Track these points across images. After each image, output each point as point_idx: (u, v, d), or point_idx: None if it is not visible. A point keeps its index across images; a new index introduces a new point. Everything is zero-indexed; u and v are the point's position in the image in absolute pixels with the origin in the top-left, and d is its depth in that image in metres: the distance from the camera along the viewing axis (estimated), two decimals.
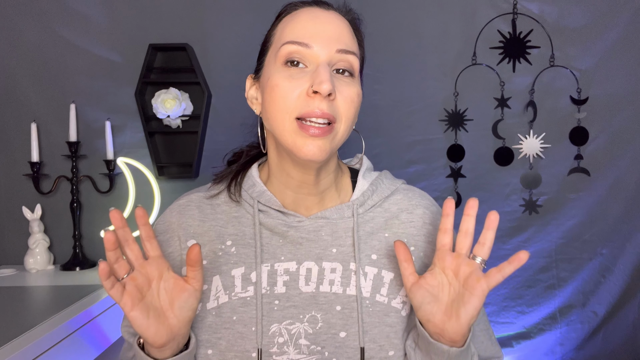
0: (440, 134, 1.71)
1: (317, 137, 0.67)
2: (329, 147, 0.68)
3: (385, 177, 0.82)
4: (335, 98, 0.68)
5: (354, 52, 0.71)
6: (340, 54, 0.69)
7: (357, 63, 0.71)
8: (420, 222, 0.79)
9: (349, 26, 0.73)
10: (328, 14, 0.72)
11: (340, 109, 0.69)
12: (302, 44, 0.68)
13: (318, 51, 0.68)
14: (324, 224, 0.76)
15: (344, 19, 0.73)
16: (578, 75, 1.67)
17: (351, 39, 0.72)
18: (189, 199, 0.80)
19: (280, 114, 0.68)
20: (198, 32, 1.67)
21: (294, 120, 0.67)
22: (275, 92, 0.68)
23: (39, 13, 1.66)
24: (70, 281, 1.48)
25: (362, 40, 0.77)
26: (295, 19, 0.72)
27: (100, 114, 1.68)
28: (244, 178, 0.80)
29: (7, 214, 1.70)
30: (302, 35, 0.69)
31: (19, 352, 0.96)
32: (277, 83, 0.68)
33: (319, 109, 0.66)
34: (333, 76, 0.69)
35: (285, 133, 0.68)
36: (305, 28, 0.70)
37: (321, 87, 0.65)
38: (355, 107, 0.71)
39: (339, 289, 0.73)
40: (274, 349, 0.71)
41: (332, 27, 0.70)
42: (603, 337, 1.72)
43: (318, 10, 0.72)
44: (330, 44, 0.69)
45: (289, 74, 0.68)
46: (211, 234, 0.77)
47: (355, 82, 0.71)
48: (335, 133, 0.69)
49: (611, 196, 1.69)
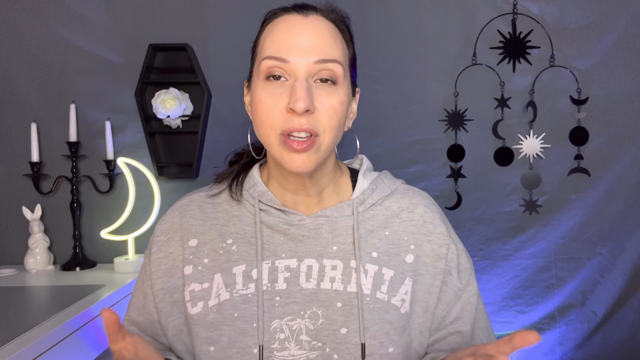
0: (440, 134, 1.71)
1: (302, 152, 0.68)
2: (314, 159, 0.70)
3: (385, 177, 0.84)
4: (314, 111, 0.68)
5: (335, 59, 0.70)
6: (320, 64, 0.69)
7: (339, 69, 0.70)
8: (420, 221, 0.80)
9: (331, 29, 0.72)
10: (307, 21, 0.71)
11: (322, 121, 0.69)
12: (279, 58, 0.68)
13: (296, 64, 0.68)
14: (324, 222, 0.77)
15: (326, 21, 0.72)
16: (578, 75, 1.67)
17: (332, 44, 0.71)
18: (190, 199, 0.82)
19: (266, 129, 0.69)
20: (198, 32, 1.67)
21: (279, 135, 0.68)
22: (259, 108, 0.69)
23: (39, 13, 1.66)
24: (70, 281, 1.49)
25: (351, 39, 0.76)
26: (274, 30, 0.71)
27: (100, 114, 1.68)
28: (246, 178, 0.81)
29: (7, 214, 1.70)
30: (279, 49, 0.69)
31: (19, 352, 0.96)
32: (260, 99, 0.69)
33: (299, 124, 0.67)
34: (314, 86, 0.69)
35: (272, 147, 0.70)
36: (282, 41, 0.69)
37: (296, 105, 0.65)
38: (339, 116, 0.70)
39: (340, 286, 0.74)
40: (275, 345, 0.71)
41: (310, 37, 0.69)
42: (602, 336, 1.72)
43: (296, 17, 0.71)
44: (307, 56, 0.68)
45: (271, 90, 0.69)
46: (212, 232, 0.78)
47: (338, 90, 0.71)
48: (319, 145, 0.70)
49: (611, 196, 1.69)
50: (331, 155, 0.77)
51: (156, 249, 0.80)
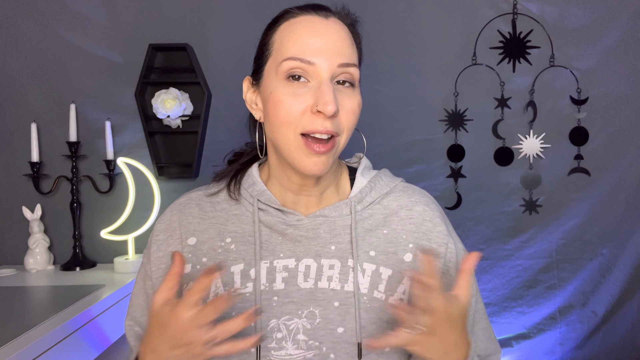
0: (440, 134, 1.71)
1: (322, 154, 0.69)
2: (331, 161, 0.71)
3: (384, 175, 0.83)
4: (338, 114, 0.69)
5: (355, 64, 0.71)
6: (342, 67, 0.69)
7: (357, 73, 0.72)
8: (419, 219, 0.79)
9: (348, 33, 0.73)
10: (327, 23, 0.71)
11: (343, 122, 0.70)
12: (304, 60, 0.68)
13: (320, 67, 0.68)
14: (322, 221, 0.76)
15: (342, 24, 0.73)
16: (578, 75, 1.67)
17: (351, 48, 0.72)
18: (189, 198, 0.82)
19: (285, 129, 0.69)
20: (198, 32, 1.67)
21: (299, 136, 0.69)
22: (279, 107, 0.69)
23: (39, 13, 1.66)
24: (70, 281, 1.49)
25: (360, 42, 0.77)
26: (294, 30, 0.71)
27: (100, 114, 1.68)
28: (244, 177, 0.81)
29: (7, 214, 1.70)
30: (303, 51, 0.69)
31: (19, 352, 0.96)
32: (280, 99, 0.69)
33: (323, 126, 0.67)
34: (335, 89, 0.69)
35: (290, 147, 0.70)
36: (306, 43, 0.69)
37: (326, 108, 0.66)
38: (357, 117, 0.72)
39: (337, 285, 0.74)
40: (272, 344, 0.72)
41: (332, 40, 0.70)
42: (603, 337, 1.72)
43: (317, 19, 0.71)
44: (332, 59, 0.69)
45: (292, 90, 0.69)
46: (211, 231, 0.78)
47: (356, 92, 0.72)
48: (337, 145, 0.71)
49: (611, 196, 1.69)
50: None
51: (155, 248, 0.79)
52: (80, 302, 1.26)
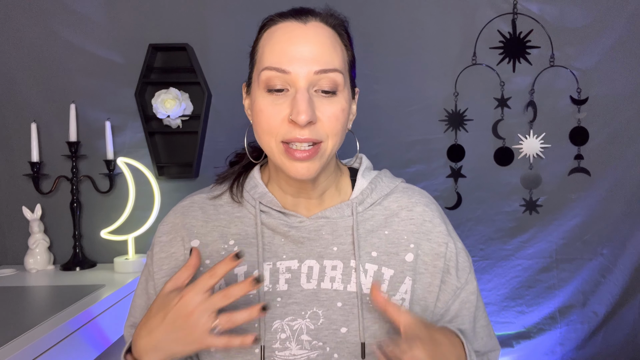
0: (440, 134, 1.71)
1: (305, 160, 0.68)
2: (318, 165, 0.70)
3: (384, 176, 0.84)
4: (317, 121, 0.68)
5: (335, 69, 0.69)
6: (320, 74, 0.68)
7: (340, 78, 0.69)
8: (420, 220, 0.80)
9: (331, 36, 0.71)
10: (306, 29, 0.69)
11: (326, 129, 0.69)
12: (279, 69, 0.68)
13: (296, 75, 0.67)
14: (324, 223, 0.77)
15: (325, 27, 0.71)
16: (578, 75, 1.67)
17: (332, 53, 0.69)
18: (192, 200, 0.82)
19: (267, 137, 0.70)
20: (198, 32, 1.67)
21: (280, 143, 0.69)
22: (260, 117, 0.69)
23: (39, 13, 1.66)
24: (70, 281, 1.49)
25: (350, 43, 0.75)
26: (273, 39, 0.70)
27: (100, 114, 1.68)
28: (246, 179, 0.82)
29: (7, 214, 1.70)
30: (279, 60, 0.68)
31: (19, 352, 0.96)
32: (261, 108, 0.69)
33: (301, 134, 0.67)
34: (315, 96, 0.68)
35: (274, 154, 0.70)
36: (282, 51, 0.68)
37: (299, 118, 0.65)
38: (341, 122, 0.70)
39: (340, 286, 0.74)
40: (276, 345, 0.72)
41: (309, 47, 0.68)
42: (603, 337, 1.72)
43: (295, 25, 0.70)
44: (308, 66, 0.67)
45: (271, 100, 0.69)
46: (214, 234, 0.78)
47: (339, 98, 0.70)
48: (323, 151, 0.70)
49: (611, 196, 1.69)
50: (332, 158, 0.77)
51: (158, 249, 0.80)
52: (80, 302, 1.26)
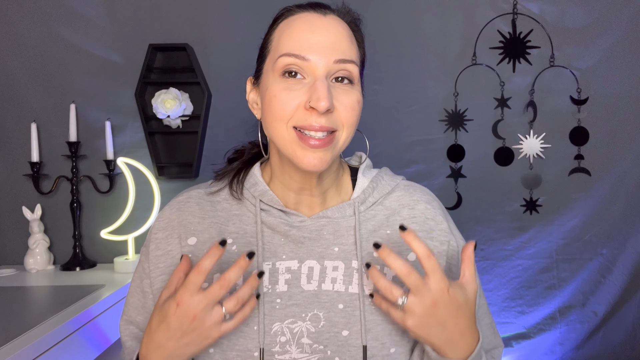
0: (440, 134, 1.71)
1: (318, 149, 0.67)
2: (329, 157, 0.69)
3: (385, 174, 0.83)
4: (334, 110, 0.68)
5: (353, 60, 0.70)
6: (339, 64, 0.68)
7: (356, 70, 0.70)
8: (422, 218, 0.79)
9: (347, 30, 0.72)
10: (325, 20, 0.70)
11: (342, 118, 0.69)
12: (299, 56, 0.67)
13: (315, 63, 0.67)
14: (325, 223, 0.76)
15: (342, 22, 0.72)
16: (578, 75, 1.67)
17: (350, 45, 0.71)
18: (189, 196, 0.80)
19: (278, 123, 0.68)
20: (198, 32, 1.67)
21: (292, 129, 0.68)
22: (273, 102, 0.68)
23: (39, 13, 1.66)
24: (70, 281, 1.48)
25: (362, 40, 0.76)
26: (291, 27, 0.70)
27: (100, 114, 1.68)
28: (246, 176, 0.80)
29: (7, 214, 1.70)
30: (299, 47, 0.68)
31: (19, 352, 0.96)
32: (274, 94, 0.68)
33: (317, 123, 0.66)
34: (332, 86, 0.68)
35: (285, 142, 0.69)
36: (302, 38, 0.69)
37: (319, 104, 0.65)
38: (357, 114, 0.70)
39: (341, 287, 0.73)
40: (276, 348, 0.71)
41: (329, 36, 0.69)
42: (603, 337, 1.72)
43: (315, 16, 0.71)
44: (327, 55, 0.68)
45: (287, 85, 0.68)
46: (212, 231, 0.76)
47: (354, 89, 0.71)
48: (337, 141, 0.69)
49: (612, 196, 1.69)
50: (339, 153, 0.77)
51: (154, 247, 0.78)
52: (80, 302, 1.26)
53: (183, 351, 0.66)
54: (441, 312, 0.65)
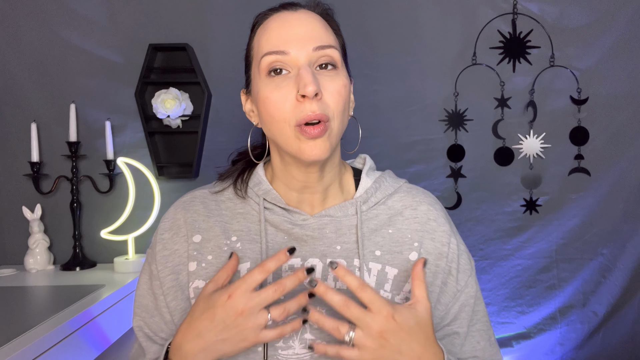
0: (440, 134, 1.71)
1: (317, 137, 0.68)
2: (328, 145, 0.70)
3: (388, 176, 0.84)
4: (322, 96, 0.69)
5: (331, 45, 0.72)
6: (318, 50, 0.71)
7: (337, 54, 0.73)
8: (424, 218, 0.80)
9: (321, 20, 0.75)
10: (297, 15, 0.73)
11: (330, 105, 0.70)
12: (279, 52, 0.70)
13: (296, 55, 0.70)
14: (328, 221, 0.77)
15: (314, 14, 0.75)
16: (578, 75, 1.67)
17: (325, 32, 0.73)
18: (193, 195, 0.82)
19: (280, 124, 0.70)
20: (198, 32, 1.67)
21: (294, 127, 0.69)
22: (267, 104, 0.70)
23: (39, 13, 1.66)
24: (70, 281, 1.48)
25: (339, 29, 0.79)
26: (267, 29, 0.73)
27: (100, 114, 1.68)
28: (250, 176, 0.82)
29: (7, 214, 1.70)
30: (277, 44, 0.71)
31: (19, 352, 0.96)
32: (267, 96, 0.70)
33: (312, 111, 0.68)
34: (317, 73, 0.70)
35: (289, 140, 0.70)
36: (279, 35, 0.71)
37: (306, 89, 0.67)
38: (344, 98, 0.72)
39: (344, 285, 0.74)
40: (279, 344, 0.72)
41: (304, 28, 0.72)
42: (603, 337, 1.72)
43: (286, 13, 0.74)
44: (306, 45, 0.70)
45: (275, 84, 0.70)
46: (216, 229, 0.78)
47: (339, 74, 0.73)
48: (331, 130, 0.71)
49: (612, 196, 1.69)
50: (337, 149, 0.78)
51: (161, 247, 0.79)
52: (80, 302, 1.26)
53: (218, 347, 0.66)
54: (392, 341, 0.64)
